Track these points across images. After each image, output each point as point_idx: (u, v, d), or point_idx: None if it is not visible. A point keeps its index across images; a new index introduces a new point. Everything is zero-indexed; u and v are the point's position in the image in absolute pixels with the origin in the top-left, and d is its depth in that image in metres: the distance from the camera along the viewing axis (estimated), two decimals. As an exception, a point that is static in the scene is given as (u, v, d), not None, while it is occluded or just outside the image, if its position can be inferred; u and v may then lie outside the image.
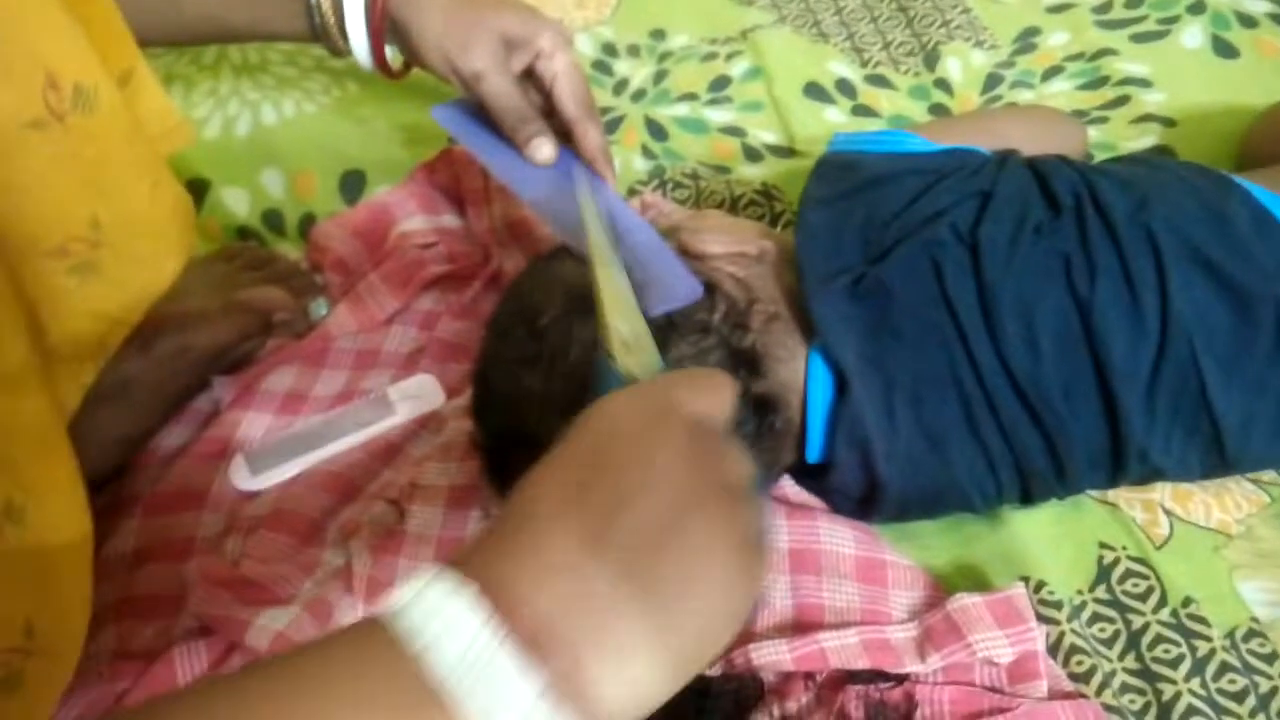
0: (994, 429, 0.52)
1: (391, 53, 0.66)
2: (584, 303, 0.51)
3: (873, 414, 0.52)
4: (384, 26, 0.63)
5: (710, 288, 0.53)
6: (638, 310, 0.43)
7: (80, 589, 0.48)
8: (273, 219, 0.78)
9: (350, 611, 0.55)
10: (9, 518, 0.42)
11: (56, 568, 0.46)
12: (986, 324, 0.52)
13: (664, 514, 0.30)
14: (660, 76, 0.87)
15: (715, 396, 0.35)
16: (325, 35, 0.64)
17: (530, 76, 0.64)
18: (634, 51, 0.90)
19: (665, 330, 0.50)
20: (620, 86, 0.87)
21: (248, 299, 0.66)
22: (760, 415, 0.52)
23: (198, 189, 0.78)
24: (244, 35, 0.66)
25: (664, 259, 0.53)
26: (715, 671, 0.50)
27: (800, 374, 0.54)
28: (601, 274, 0.44)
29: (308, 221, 0.77)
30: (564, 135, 0.64)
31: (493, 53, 0.61)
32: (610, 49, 0.90)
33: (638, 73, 0.88)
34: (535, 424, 0.50)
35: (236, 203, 0.78)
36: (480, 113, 0.64)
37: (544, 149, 0.61)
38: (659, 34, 0.91)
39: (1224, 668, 0.51)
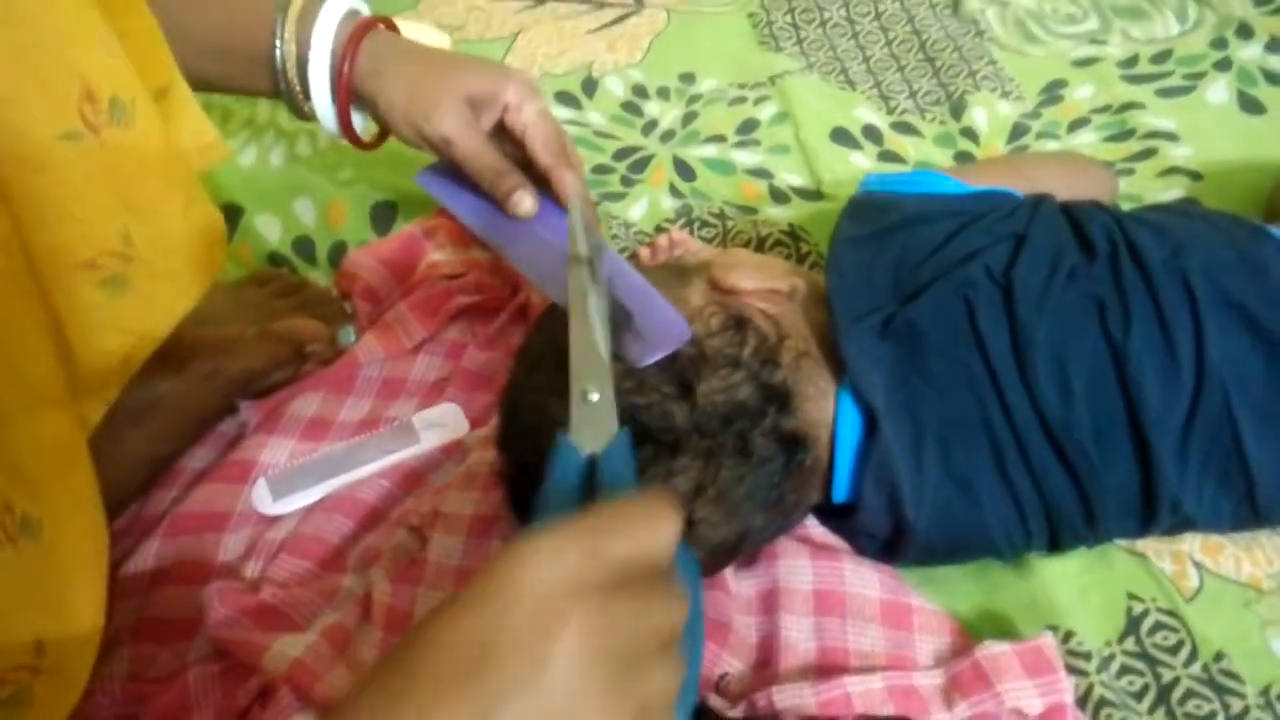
0: (1024, 474, 0.52)
1: (364, 123, 0.67)
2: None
3: (901, 455, 0.52)
4: (349, 100, 0.64)
5: (741, 322, 0.53)
6: (608, 373, 0.42)
7: (93, 608, 0.47)
8: (304, 247, 0.79)
9: (368, 639, 0.54)
10: (25, 532, 0.42)
11: (70, 585, 0.45)
12: (1018, 366, 0.51)
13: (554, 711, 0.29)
14: (689, 118, 0.88)
15: (651, 534, 0.33)
16: (290, 99, 0.64)
17: (503, 131, 0.64)
18: (664, 94, 0.91)
19: (696, 363, 0.50)
20: (649, 127, 0.88)
21: (283, 329, 0.66)
22: (788, 453, 0.51)
23: (231, 215, 0.79)
24: (218, 88, 0.67)
25: (652, 302, 0.53)
26: (738, 713, 0.49)
27: (829, 413, 0.53)
28: (577, 330, 0.43)
29: (338, 250, 0.78)
30: (544, 184, 0.63)
31: (459, 115, 0.61)
32: (640, 90, 0.91)
33: (667, 114, 0.89)
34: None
35: (269, 229, 0.79)
36: (462, 174, 0.64)
37: (524, 203, 0.61)
38: (688, 77, 0.93)
39: (1258, 726, 0.50)
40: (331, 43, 0.62)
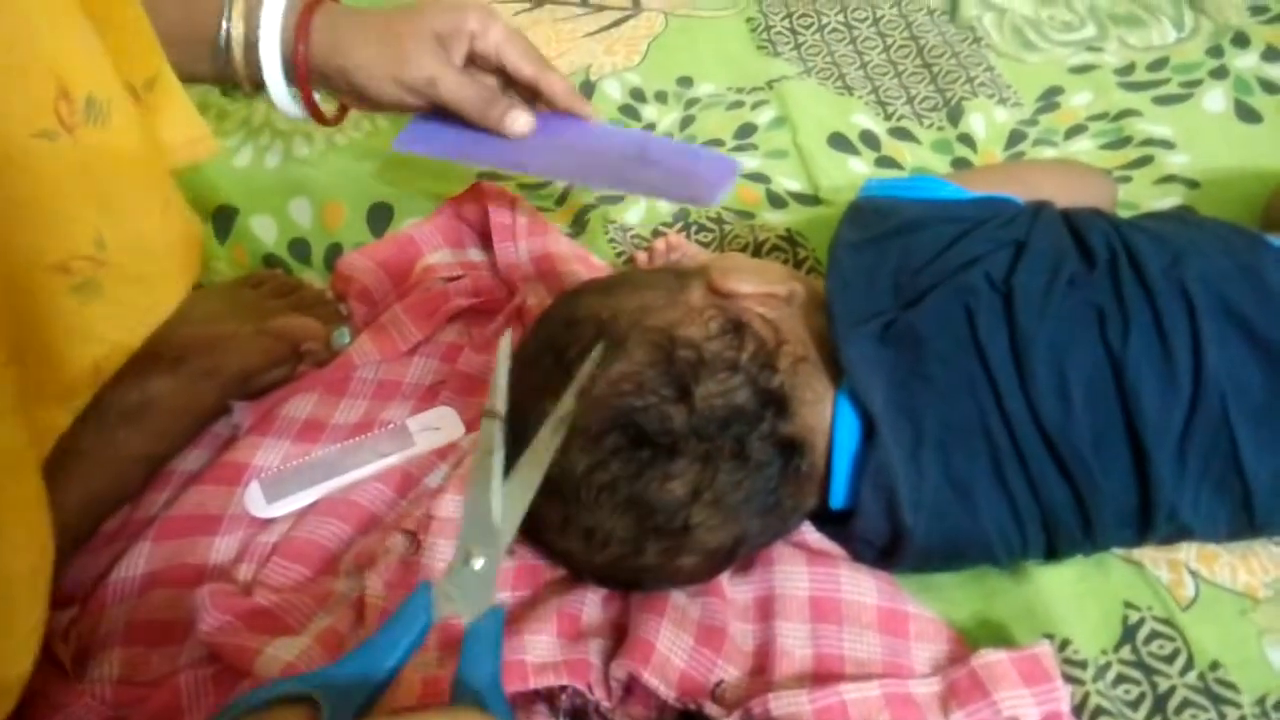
0: (1022, 481, 0.52)
1: (319, 97, 0.66)
2: (612, 337, 0.51)
3: (900, 461, 0.51)
4: (308, 78, 0.63)
5: (739, 326, 0.53)
6: (499, 542, 0.40)
7: (34, 616, 0.45)
8: (299, 248, 0.78)
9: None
10: None
11: (11, 593, 0.44)
12: (1018, 373, 0.51)
13: None
14: (687, 122, 0.88)
15: None
16: (234, 81, 0.64)
17: (475, 62, 0.64)
18: (661, 97, 0.91)
19: (694, 366, 0.50)
20: (647, 131, 0.88)
21: (279, 326, 0.65)
22: (785, 458, 0.51)
23: (226, 216, 0.79)
24: (181, 79, 0.67)
25: (689, 156, 0.53)
26: (733, 720, 0.49)
27: (827, 418, 0.53)
28: (474, 488, 0.41)
29: (334, 252, 0.77)
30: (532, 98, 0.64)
31: (434, 53, 0.61)
32: (638, 94, 0.91)
33: (665, 118, 0.89)
34: (559, 456, 0.49)
35: (264, 231, 0.79)
36: (441, 119, 0.64)
37: (519, 121, 0.61)
38: (686, 81, 0.93)
39: (1254, 736, 0.50)
40: (280, 24, 0.62)
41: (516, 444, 0.53)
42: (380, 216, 0.79)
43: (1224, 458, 0.52)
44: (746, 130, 0.87)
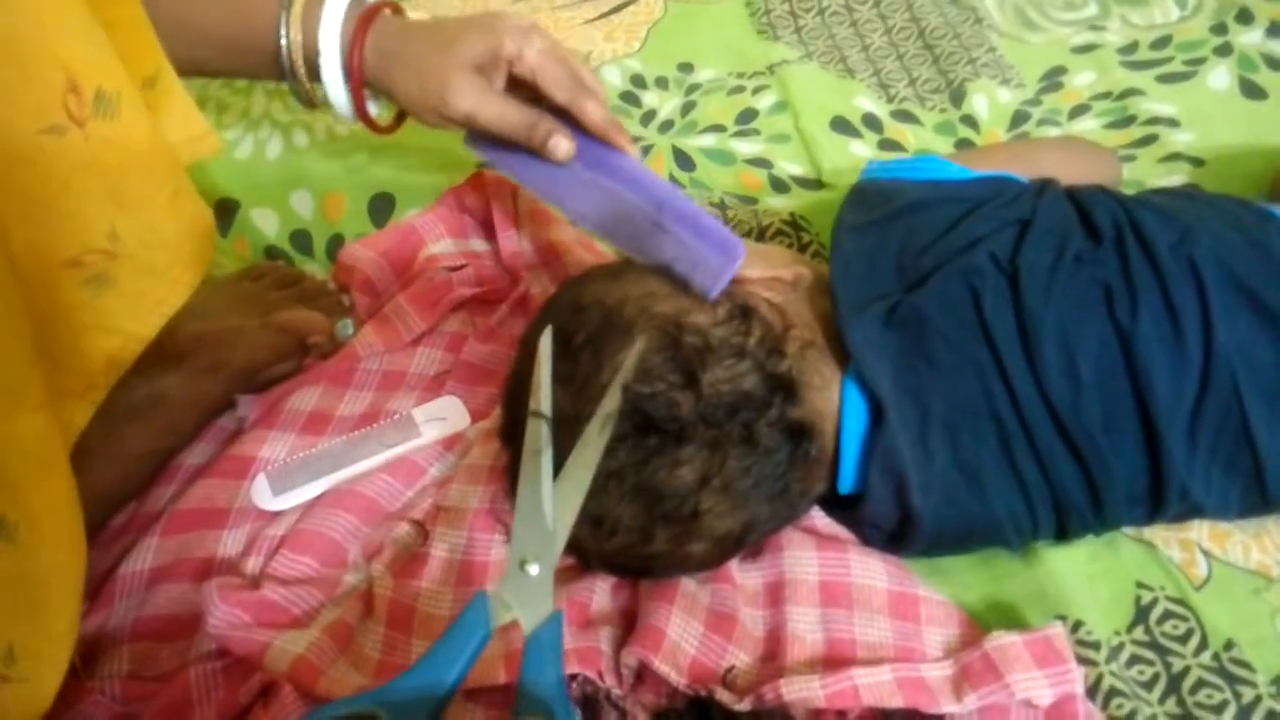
0: (1031, 462, 0.51)
1: (378, 108, 0.66)
2: (618, 324, 0.51)
3: (908, 444, 0.51)
4: (363, 92, 0.63)
5: (746, 311, 0.52)
6: (554, 546, 0.41)
7: (67, 615, 0.46)
8: (301, 240, 0.78)
9: (371, 635, 0.53)
10: (1, 535, 0.41)
11: (45, 592, 0.44)
12: (1025, 353, 0.51)
13: None
14: (688, 108, 0.88)
15: None
16: (297, 91, 0.64)
17: (517, 80, 0.63)
18: (662, 84, 0.90)
19: (701, 352, 0.50)
20: (648, 117, 0.87)
21: (285, 320, 0.65)
22: (794, 443, 0.51)
23: (228, 210, 0.78)
24: (223, 75, 0.67)
25: (699, 230, 0.53)
26: (745, 706, 0.49)
27: (835, 402, 0.53)
28: (525, 493, 0.42)
29: (336, 243, 0.77)
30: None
31: (471, 87, 0.60)
32: (639, 80, 0.91)
33: (666, 104, 0.88)
34: (565, 445, 0.49)
35: (265, 223, 0.78)
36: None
37: (560, 146, 0.60)
38: (687, 67, 0.92)
39: (1271, 716, 0.50)
40: (339, 37, 0.61)
41: (517, 435, 0.53)
42: (382, 207, 0.78)
43: (1235, 435, 0.51)
44: (748, 115, 0.86)
